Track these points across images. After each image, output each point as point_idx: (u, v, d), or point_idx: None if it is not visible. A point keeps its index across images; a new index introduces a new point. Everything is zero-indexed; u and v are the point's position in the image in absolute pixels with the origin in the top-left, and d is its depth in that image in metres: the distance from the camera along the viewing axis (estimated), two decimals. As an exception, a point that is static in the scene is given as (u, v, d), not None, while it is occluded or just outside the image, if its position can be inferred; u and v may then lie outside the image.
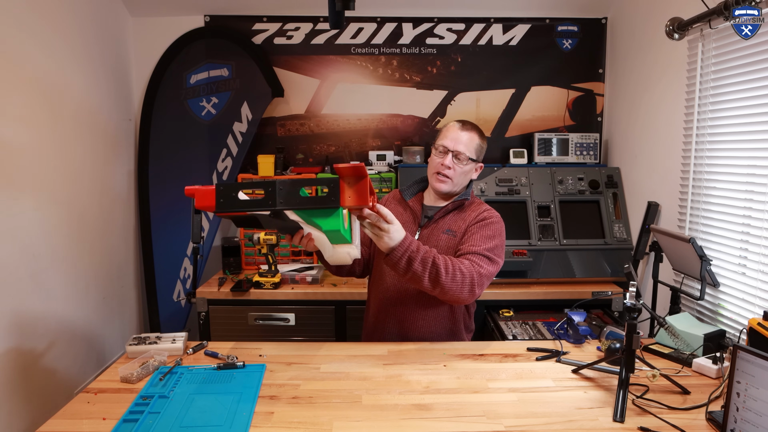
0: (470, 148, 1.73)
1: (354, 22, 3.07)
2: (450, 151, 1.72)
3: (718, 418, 1.23)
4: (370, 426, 1.23)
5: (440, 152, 1.74)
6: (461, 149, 1.71)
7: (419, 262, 1.47)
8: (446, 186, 1.75)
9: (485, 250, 1.64)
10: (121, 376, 1.45)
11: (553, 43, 3.12)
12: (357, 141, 3.17)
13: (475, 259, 1.61)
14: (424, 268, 1.48)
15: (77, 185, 2.53)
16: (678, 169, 2.29)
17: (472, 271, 1.56)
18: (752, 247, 1.87)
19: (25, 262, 2.14)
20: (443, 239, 1.73)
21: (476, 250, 1.64)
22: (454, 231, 1.74)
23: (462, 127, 1.75)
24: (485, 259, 1.62)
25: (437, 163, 1.74)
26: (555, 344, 1.73)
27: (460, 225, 1.74)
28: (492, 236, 1.69)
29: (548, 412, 1.29)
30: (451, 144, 1.72)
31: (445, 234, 1.74)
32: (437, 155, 1.75)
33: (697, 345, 1.63)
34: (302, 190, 1.24)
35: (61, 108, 2.41)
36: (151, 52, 3.04)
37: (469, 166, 1.75)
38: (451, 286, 1.52)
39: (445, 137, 1.74)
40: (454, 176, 1.73)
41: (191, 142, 3.05)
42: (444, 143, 1.73)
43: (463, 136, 1.73)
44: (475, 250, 1.64)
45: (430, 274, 1.49)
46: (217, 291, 2.54)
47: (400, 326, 1.76)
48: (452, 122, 1.79)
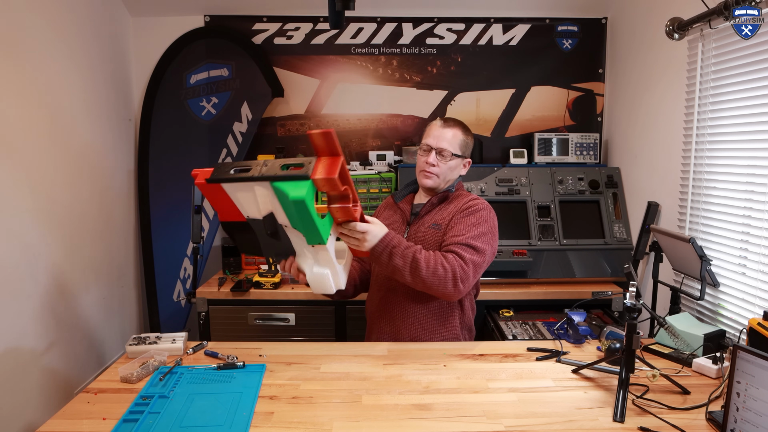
0: (454, 144, 1.75)
1: (354, 22, 3.07)
2: (433, 149, 1.74)
3: (718, 418, 1.23)
4: (370, 426, 1.23)
5: (424, 150, 1.77)
6: (444, 146, 1.74)
7: (399, 257, 1.52)
8: (432, 181, 1.77)
9: (469, 239, 1.63)
10: (121, 376, 1.45)
11: (553, 43, 3.12)
12: (357, 141, 3.17)
13: (458, 250, 1.61)
14: (405, 263, 1.52)
15: (77, 185, 2.52)
16: (678, 169, 2.29)
17: (454, 265, 1.56)
18: (752, 247, 1.87)
19: (25, 262, 2.14)
20: (429, 234, 1.74)
21: (459, 240, 1.63)
22: (439, 224, 1.74)
23: (444, 124, 1.78)
24: (469, 249, 1.62)
25: (422, 162, 1.77)
26: (555, 344, 1.73)
27: (445, 217, 1.74)
28: (477, 223, 1.68)
29: (548, 412, 1.29)
30: (434, 142, 1.75)
31: (431, 228, 1.74)
32: (422, 154, 1.78)
33: (697, 345, 1.63)
34: (283, 166, 1.29)
35: (60, 108, 2.41)
36: (151, 52, 3.04)
37: (454, 162, 1.77)
38: (432, 280, 1.54)
39: (429, 135, 1.77)
40: (440, 172, 1.76)
41: (191, 142, 3.05)
42: (427, 141, 1.76)
43: (446, 133, 1.75)
44: (458, 240, 1.63)
45: (411, 268, 1.53)
46: (217, 291, 2.54)
47: (392, 324, 1.76)
48: (436, 121, 1.81)
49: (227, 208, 1.41)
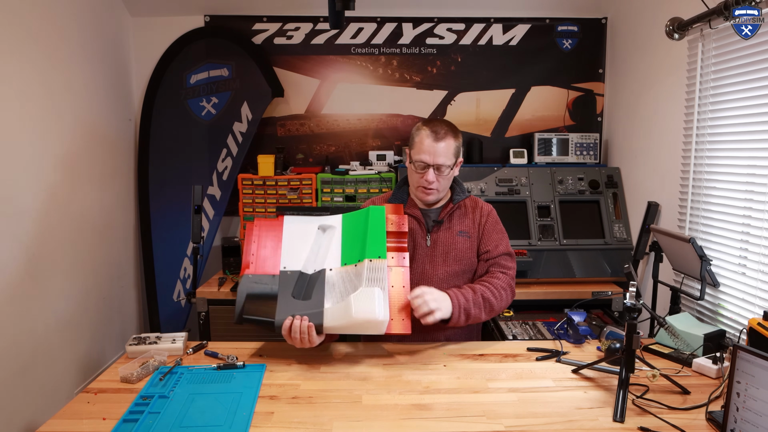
0: (449, 155, 1.64)
1: (354, 22, 3.07)
2: (430, 166, 1.63)
3: (718, 418, 1.22)
4: (370, 426, 1.23)
5: (421, 168, 1.65)
6: (441, 161, 1.63)
7: (474, 308, 1.61)
8: (433, 197, 1.72)
9: (506, 248, 1.77)
10: (121, 376, 1.45)
11: (553, 43, 3.12)
12: (357, 141, 3.17)
13: (504, 261, 1.74)
14: (480, 310, 1.63)
15: (77, 185, 2.52)
16: (678, 169, 2.29)
17: (507, 279, 1.71)
18: (752, 247, 1.87)
19: (25, 262, 2.14)
20: (459, 241, 1.76)
21: (502, 250, 1.75)
22: (467, 232, 1.77)
23: (436, 137, 1.62)
24: (510, 257, 1.76)
25: (420, 180, 1.66)
26: (555, 344, 1.73)
27: (469, 225, 1.78)
28: (502, 230, 1.80)
29: (548, 412, 1.29)
30: (430, 159, 1.62)
31: (460, 236, 1.76)
32: (418, 171, 1.66)
33: (697, 345, 1.63)
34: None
35: (60, 108, 2.41)
36: (151, 52, 3.04)
37: (451, 172, 1.69)
38: (501, 305, 1.68)
39: (422, 151, 1.63)
40: (440, 187, 1.69)
41: (191, 142, 3.05)
42: (422, 158, 1.63)
43: (440, 147, 1.62)
44: (501, 251, 1.75)
45: (485, 310, 1.64)
46: (217, 291, 2.53)
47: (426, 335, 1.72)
48: (423, 131, 1.65)
49: (263, 257, 1.59)
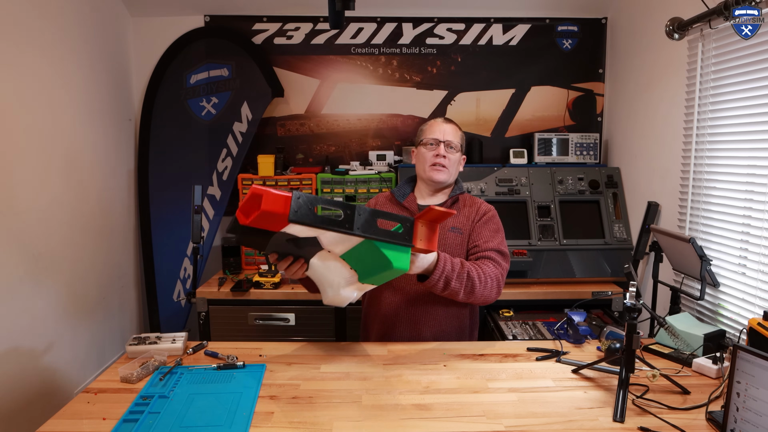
0: (456, 137, 1.81)
1: (354, 22, 3.07)
2: (442, 142, 1.77)
3: (718, 418, 1.22)
4: (370, 426, 1.23)
5: (432, 145, 1.79)
6: (451, 138, 1.79)
7: (456, 280, 1.56)
8: (443, 175, 1.78)
9: (498, 245, 1.74)
10: (121, 376, 1.45)
11: (553, 43, 3.12)
12: (357, 141, 3.17)
13: (494, 256, 1.71)
14: (461, 285, 1.58)
15: (77, 185, 2.52)
16: (678, 169, 2.29)
17: (497, 272, 1.67)
18: (752, 247, 1.87)
19: (25, 262, 2.14)
20: (450, 237, 1.77)
21: (491, 246, 1.73)
22: (460, 228, 1.78)
23: (444, 120, 1.84)
24: (501, 255, 1.73)
25: (431, 156, 1.78)
26: (555, 344, 1.73)
27: (464, 222, 1.79)
28: (497, 229, 1.79)
29: (548, 412, 1.29)
30: (441, 135, 1.78)
31: (452, 232, 1.77)
32: (429, 148, 1.79)
33: (697, 345, 1.63)
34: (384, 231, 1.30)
35: (60, 108, 2.41)
36: (151, 52, 3.04)
37: (458, 155, 1.82)
38: (483, 292, 1.62)
39: (433, 131, 1.81)
40: (449, 165, 1.78)
41: (191, 142, 3.04)
42: (434, 136, 1.79)
43: (448, 128, 1.81)
44: (490, 246, 1.73)
45: (465, 287, 1.59)
46: (217, 291, 2.54)
47: (413, 327, 1.76)
48: (433, 119, 1.87)
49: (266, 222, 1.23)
